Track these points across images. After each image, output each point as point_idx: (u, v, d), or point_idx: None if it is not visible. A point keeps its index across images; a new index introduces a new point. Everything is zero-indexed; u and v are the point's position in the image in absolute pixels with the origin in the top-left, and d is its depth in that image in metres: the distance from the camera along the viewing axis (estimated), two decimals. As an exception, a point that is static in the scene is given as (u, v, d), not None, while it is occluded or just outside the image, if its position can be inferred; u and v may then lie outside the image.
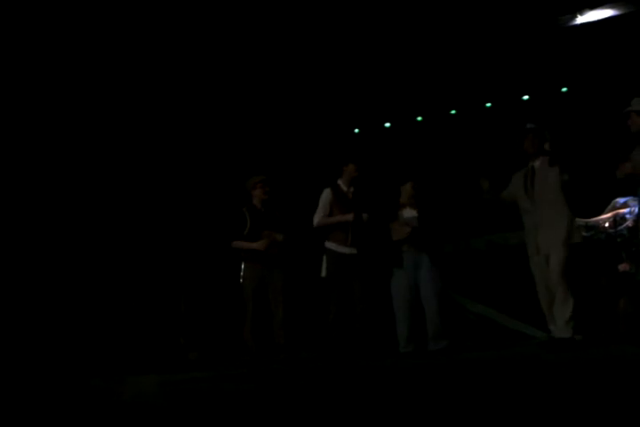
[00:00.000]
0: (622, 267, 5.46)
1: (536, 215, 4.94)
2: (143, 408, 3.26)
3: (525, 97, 7.43)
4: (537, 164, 5.08)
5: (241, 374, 5.04)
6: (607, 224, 5.60)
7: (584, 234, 5.67)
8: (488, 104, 7.63)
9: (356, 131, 8.32)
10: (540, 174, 5.03)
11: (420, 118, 8.02)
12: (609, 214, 5.66)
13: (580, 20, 6.50)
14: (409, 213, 5.65)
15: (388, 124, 8.15)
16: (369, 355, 5.44)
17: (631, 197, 5.43)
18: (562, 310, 4.77)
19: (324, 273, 5.55)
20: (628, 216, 5.50)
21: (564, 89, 7.29)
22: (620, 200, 5.63)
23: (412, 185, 5.71)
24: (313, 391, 3.52)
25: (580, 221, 5.73)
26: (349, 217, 5.48)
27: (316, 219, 5.58)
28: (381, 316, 6.07)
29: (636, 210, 5.10)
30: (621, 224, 5.53)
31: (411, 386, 3.48)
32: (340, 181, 5.70)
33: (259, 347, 5.43)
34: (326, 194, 5.61)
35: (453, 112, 7.84)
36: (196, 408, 3.07)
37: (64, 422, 2.94)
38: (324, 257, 5.58)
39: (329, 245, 5.56)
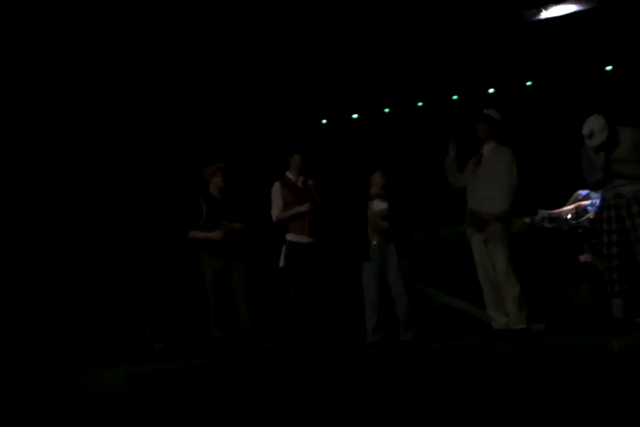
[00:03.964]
0: (583, 258, 5.58)
1: (476, 201, 4.98)
2: (108, 400, 3.23)
3: (491, 90, 7.51)
4: (485, 150, 5.12)
5: (207, 364, 5.03)
6: (569, 216, 5.70)
7: (547, 225, 5.78)
8: (454, 97, 7.70)
9: (324, 122, 8.32)
10: (484, 161, 5.06)
11: (387, 110, 8.06)
12: (571, 206, 5.76)
13: (545, 14, 6.59)
14: (378, 205, 5.68)
15: (355, 116, 8.17)
16: (335, 345, 5.48)
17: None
18: (511, 299, 4.82)
19: (282, 263, 5.55)
20: (589, 208, 5.61)
21: (529, 83, 7.39)
22: (582, 192, 5.74)
23: (382, 174, 5.75)
24: (281, 382, 3.54)
25: (544, 212, 5.84)
26: (305, 207, 5.49)
27: (274, 214, 5.58)
28: (348, 305, 6.11)
29: (598, 202, 5.20)
30: (583, 216, 5.64)
31: (376, 376, 3.51)
32: (288, 173, 5.69)
33: (226, 337, 5.42)
34: (276, 188, 5.61)
35: (420, 104, 7.89)
36: (162, 400, 3.06)
37: (29, 415, 2.90)
38: (283, 248, 5.58)
39: (289, 236, 5.56)
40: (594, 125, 4.72)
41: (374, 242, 5.59)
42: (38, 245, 6.83)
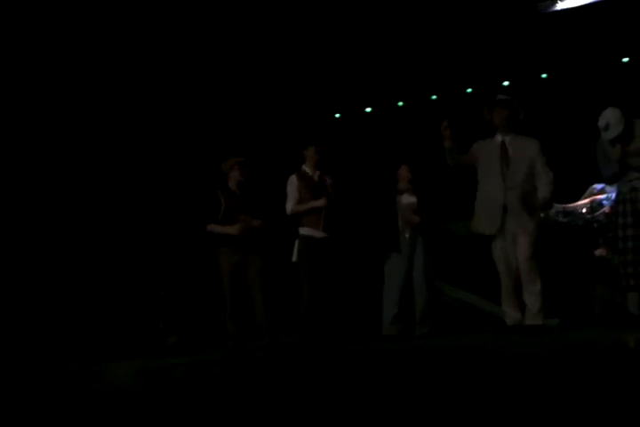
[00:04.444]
0: (599, 252, 5.53)
1: (505, 195, 4.89)
2: (120, 394, 3.25)
3: (506, 83, 7.45)
4: (507, 139, 5.02)
5: (220, 359, 5.04)
6: (584, 210, 5.66)
7: (562, 220, 5.74)
8: (469, 89, 7.64)
9: (337, 115, 8.29)
10: (513, 152, 4.96)
11: (401, 103, 8.01)
12: (586, 200, 5.72)
13: (560, 6, 6.52)
14: (407, 198, 5.69)
15: (368, 109, 8.13)
16: (349, 338, 5.47)
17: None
18: (533, 294, 4.79)
19: (294, 258, 5.55)
20: (604, 202, 5.57)
21: (544, 75, 7.32)
22: (597, 186, 5.69)
23: (408, 169, 5.75)
24: (294, 377, 3.54)
25: (558, 206, 5.79)
26: (321, 202, 5.46)
27: (289, 207, 5.55)
28: (364, 298, 6.11)
29: (613, 196, 5.16)
30: (598, 210, 5.60)
31: (387, 371, 3.51)
32: (304, 167, 5.67)
33: (240, 331, 5.44)
34: (292, 181, 5.58)
35: (434, 97, 7.84)
36: (175, 394, 3.07)
37: (41, 408, 2.92)
38: (296, 242, 5.57)
39: (302, 230, 5.53)
40: (610, 118, 4.67)
41: (406, 235, 5.59)
42: (53, 236, 6.87)
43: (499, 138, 5.05)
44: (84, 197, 7.12)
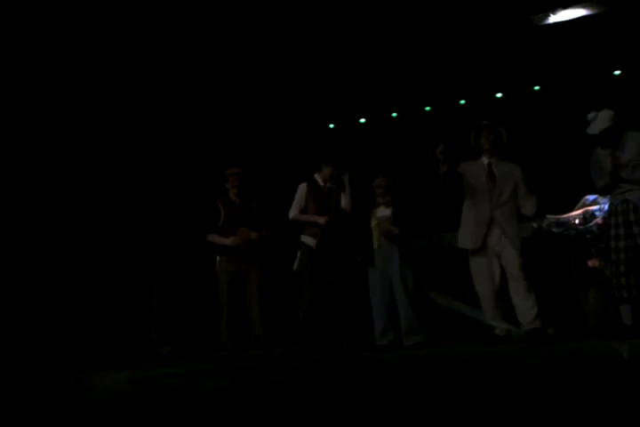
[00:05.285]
0: (591, 263, 5.56)
1: (492, 213, 4.97)
2: (114, 404, 3.23)
3: (499, 95, 7.50)
4: (493, 161, 5.13)
5: (214, 369, 5.02)
6: (577, 221, 5.69)
7: (554, 230, 5.77)
8: (462, 101, 7.69)
9: (331, 126, 8.33)
10: (499, 174, 5.08)
11: (394, 115, 8.06)
12: (579, 211, 5.75)
13: (553, 19, 6.57)
14: (382, 211, 5.69)
15: (363, 120, 8.17)
16: (345, 348, 5.45)
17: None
18: (527, 304, 4.83)
19: (295, 267, 5.55)
20: (597, 213, 5.60)
21: (537, 87, 7.38)
22: (590, 197, 5.73)
23: (386, 180, 5.75)
24: (288, 387, 3.53)
25: (551, 217, 5.83)
26: (322, 220, 5.48)
27: (292, 213, 5.59)
28: (359, 308, 6.11)
29: (606, 207, 5.19)
30: (591, 221, 5.63)
31: (376, 381, 3.50)
32: (317, 176, 5.70)
33: (235, 342, 5.42)
34: (302, 188, 5.62)
35: (428, 109, 7.89)
36: (169, 404, 3.06)
37: (33, 419, 2.91)
38: (299, 251, 5.57)
39: (304, 238, 5.56)
40: (600, 114, 4.75)
41: (381, 247, 5.59)
42: (47, 246, 6.85)
43: (485, 160, 5.18)
44: (82, 204, 7.11)
